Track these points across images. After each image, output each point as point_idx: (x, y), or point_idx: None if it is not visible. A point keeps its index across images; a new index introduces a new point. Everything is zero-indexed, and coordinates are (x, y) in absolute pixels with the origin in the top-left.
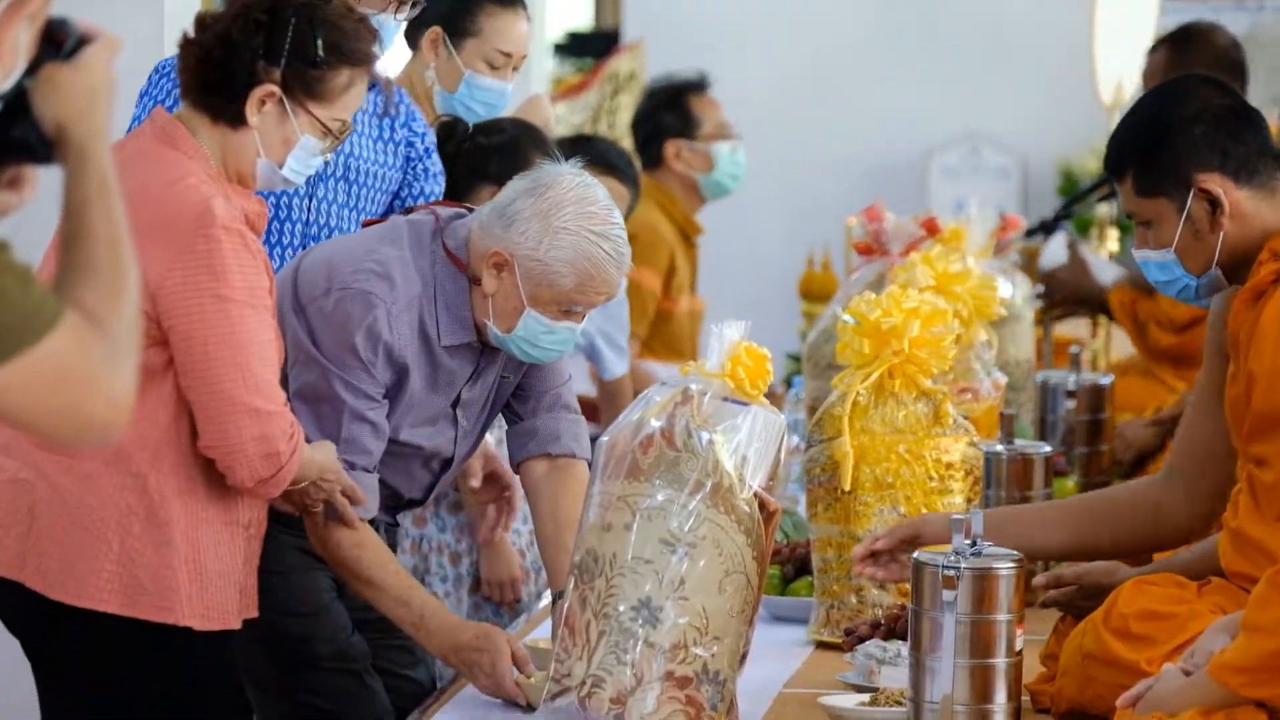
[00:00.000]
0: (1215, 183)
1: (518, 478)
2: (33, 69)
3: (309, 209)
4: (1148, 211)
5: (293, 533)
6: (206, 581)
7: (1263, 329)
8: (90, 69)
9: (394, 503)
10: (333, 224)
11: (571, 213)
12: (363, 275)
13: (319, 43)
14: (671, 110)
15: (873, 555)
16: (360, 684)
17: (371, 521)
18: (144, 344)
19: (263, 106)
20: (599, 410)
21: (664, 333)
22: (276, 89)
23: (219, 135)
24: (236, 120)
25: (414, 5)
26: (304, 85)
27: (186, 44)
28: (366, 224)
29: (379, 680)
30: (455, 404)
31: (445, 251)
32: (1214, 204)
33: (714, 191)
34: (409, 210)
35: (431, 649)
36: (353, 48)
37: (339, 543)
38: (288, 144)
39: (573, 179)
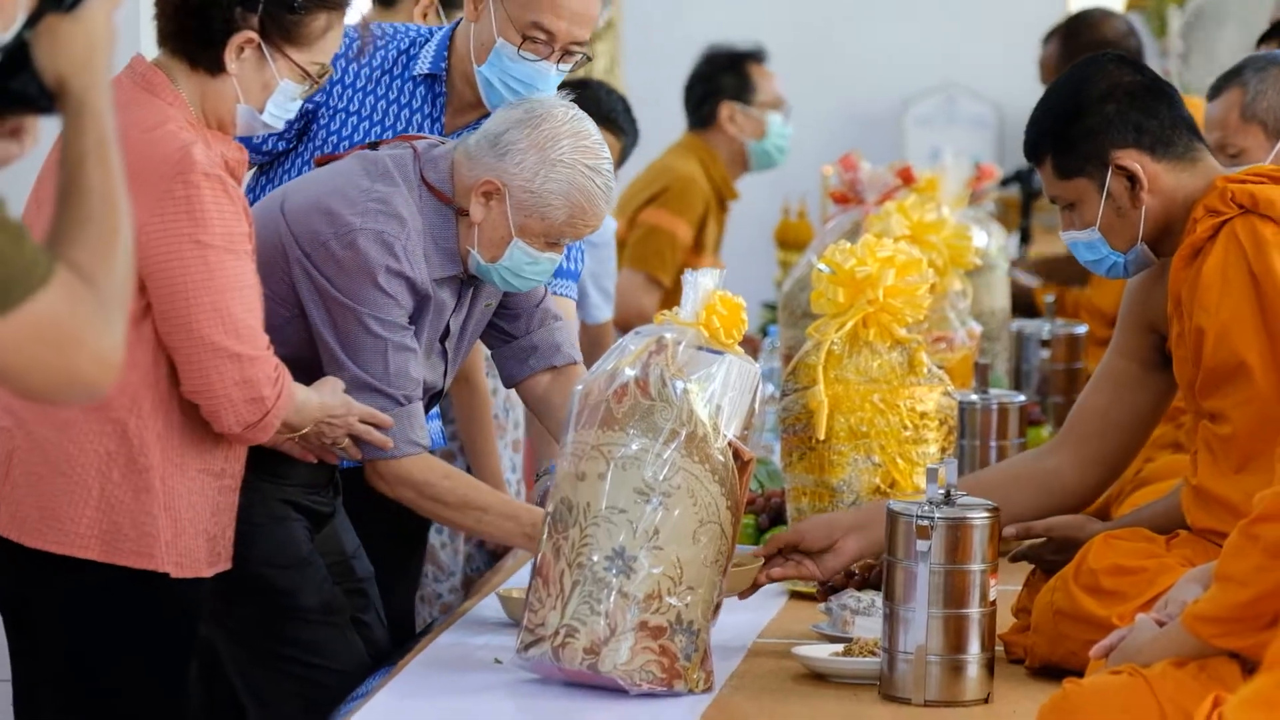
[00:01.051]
0: (1132, 158)
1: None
2: (33, 20)
3: None
4: (1069, 193)
5: (275, 483)
6: (181, 528)
7: (1205, 284)
8: (90, 21)
9: None
10: None
11: (568, 146)
12: (370, 216)
13: None
14: (730, 74)
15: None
16: (341, 636)
17: (360, 461)
18: None
19: (241, 53)
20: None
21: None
22: (255, 35)
23: (197, 82)
24: (215, 67)
25: (575, 56)
26: (282, 30)
27: None
28: (320, 161)
29: (355, 631)
30: (444, 337)
31: (427, 185)
32: (1133, 180)
33: (760, 161)
34: (374, 145)
35: None
36: None
37: (426, 480)
38: (267, 89)
39: (565, 111)
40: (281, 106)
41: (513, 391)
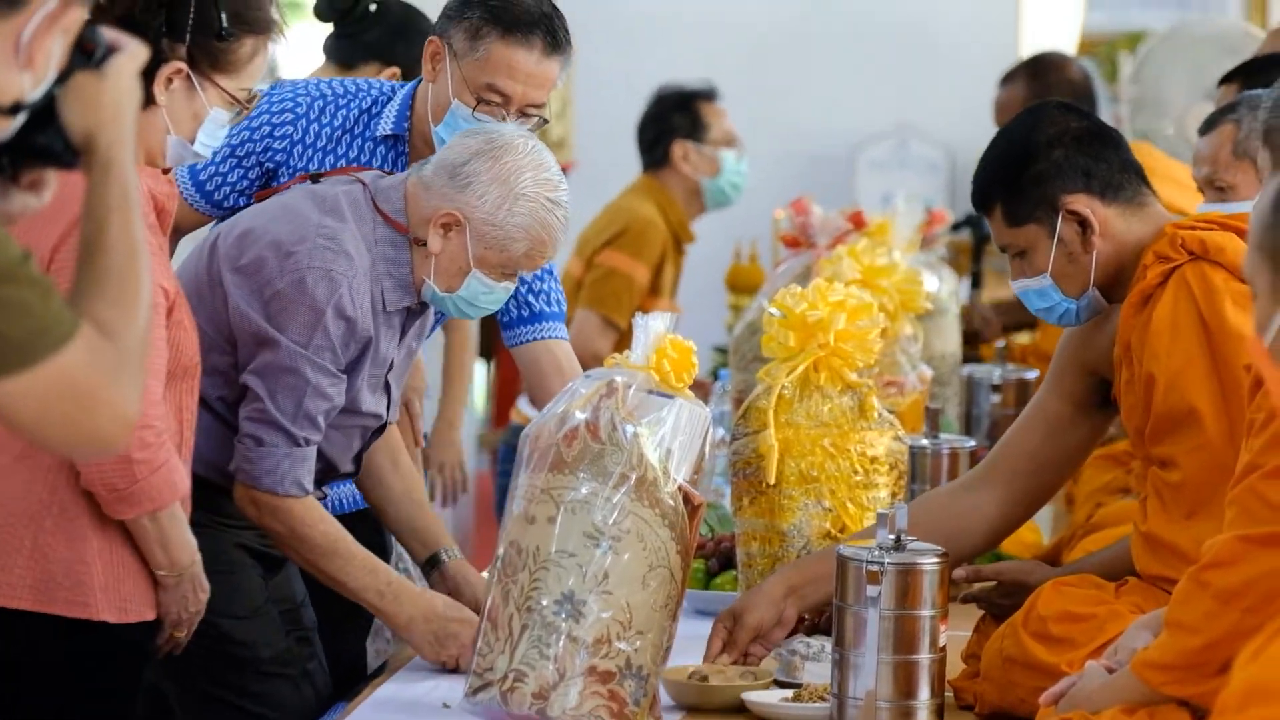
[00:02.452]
0: (1082, 203)
1: None
2: (63, 77)
3: None
4: (1020, 241)
5: (229, 528)
6: (121, 574)
7: (1155, 330)
8: (117, 78)
9: (326, 476)
10: None
11: (530, 179)
12: (319, 252)
13: (222, 15)
14: (681, 112)
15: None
16: (294, 686)
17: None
18: None
19: (170, 84)
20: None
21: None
22: (183, 65)
23: None
24: (144, 100)
25: (532, 119)
26: (209, 59)
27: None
28: (261, 196)
29: (309, 681)
30: (389, 369)
31: (383, 217)
32: (1083, 224)
33: (715, 199)
34: (316, 178)
35: (398, 616)
36: (255, 16)
37: (301, 518)
38: (197, 119)
39: (525, 143)
40: (211, 135)
41: None
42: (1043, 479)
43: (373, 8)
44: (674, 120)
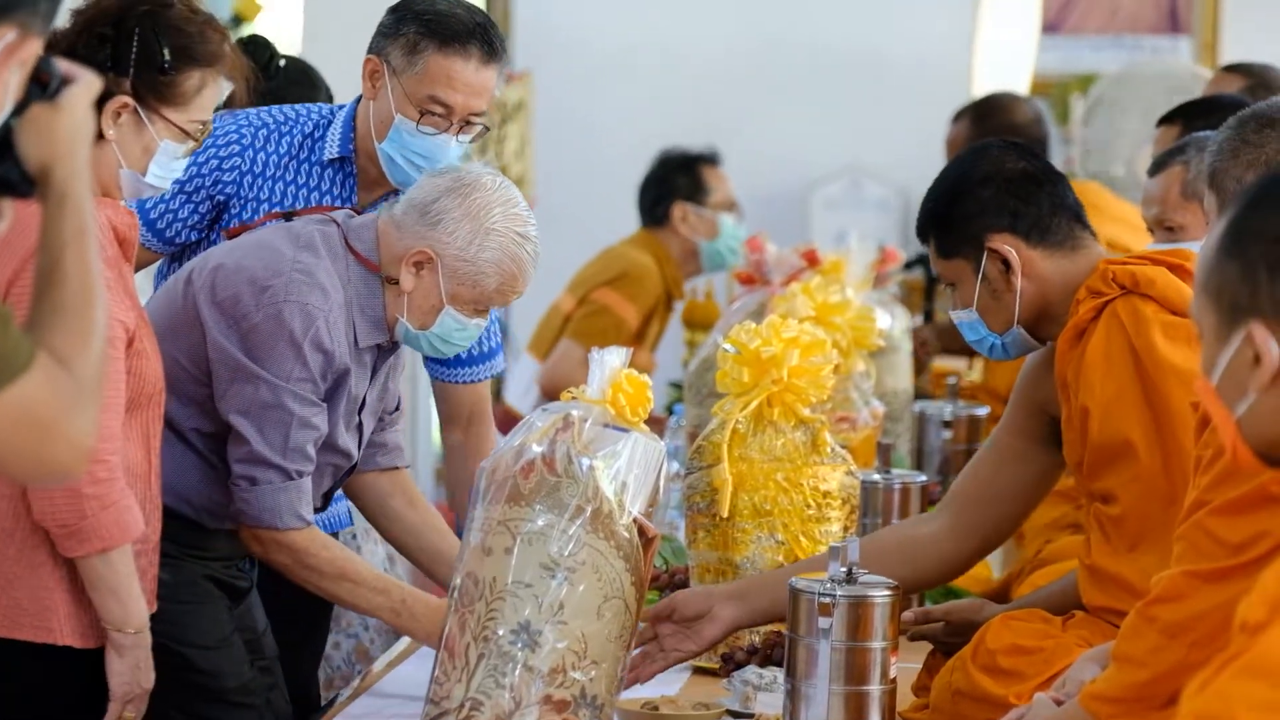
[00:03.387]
0: (1006, 242)
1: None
2: (19, 109)
3: None
4: (950, 273)
5: (200, 559)
6: (85, 600)
7: (1089, 364)
8: (72, 110)
9: None
10: None
11: (499, 214)
12: (295, 286)
13: (165, 49)
14: (683, 174)
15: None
16: (259, 717)
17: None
18: None
19: (118, 118)
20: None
21: None
22: (129, 99)
23: None
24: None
25: (475, 128)
26: (155, 92)
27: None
28: (231, 234)
29: (270, 711)
30: (361, 407)
31: (355, 255)
32: (1006, 264)
33: (712, 261)
34: (288, 215)
35: (417, 632)
36: (201, 50)
37: (305, 548)
38: (148, 152)
39: (493, 179)
40: (165, 167)
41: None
42: (997, 510)
43: (282, 63)
44: (676, 181)
